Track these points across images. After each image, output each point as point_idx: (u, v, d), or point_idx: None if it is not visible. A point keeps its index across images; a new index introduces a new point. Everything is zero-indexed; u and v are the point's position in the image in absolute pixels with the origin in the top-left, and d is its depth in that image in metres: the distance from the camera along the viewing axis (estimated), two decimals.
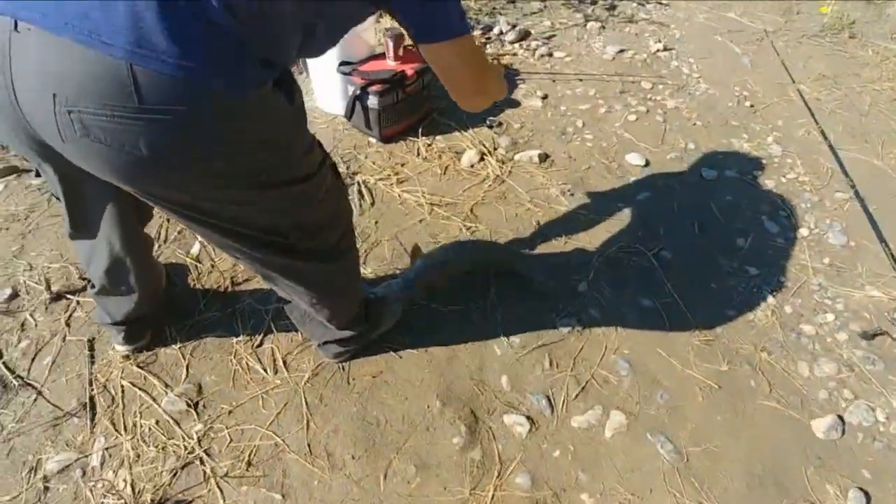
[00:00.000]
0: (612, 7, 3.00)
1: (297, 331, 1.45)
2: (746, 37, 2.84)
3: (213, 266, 1.62)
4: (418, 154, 2.05)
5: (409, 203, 1.85)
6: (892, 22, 2.94)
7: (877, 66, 2.64)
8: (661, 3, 3.07)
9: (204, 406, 1.31)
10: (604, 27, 2.85)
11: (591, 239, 1.77)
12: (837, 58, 2.70)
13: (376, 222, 1.79)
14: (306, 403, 1.33)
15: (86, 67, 0.63)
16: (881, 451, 1.31)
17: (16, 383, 1.33)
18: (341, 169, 1.94)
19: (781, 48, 2.73)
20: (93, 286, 1.25)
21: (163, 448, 1.23)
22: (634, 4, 3.07)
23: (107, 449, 1.22)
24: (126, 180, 0.76)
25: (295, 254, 1.01)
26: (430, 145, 2.09)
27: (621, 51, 2.67)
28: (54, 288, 1.51)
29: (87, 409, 1.28)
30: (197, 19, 0.65)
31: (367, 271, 1.63)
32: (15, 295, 1.52)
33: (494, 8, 2.89)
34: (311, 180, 0.93)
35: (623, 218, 1.85)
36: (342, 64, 2.03)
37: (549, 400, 1.37)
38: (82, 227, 1.10)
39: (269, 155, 0.82)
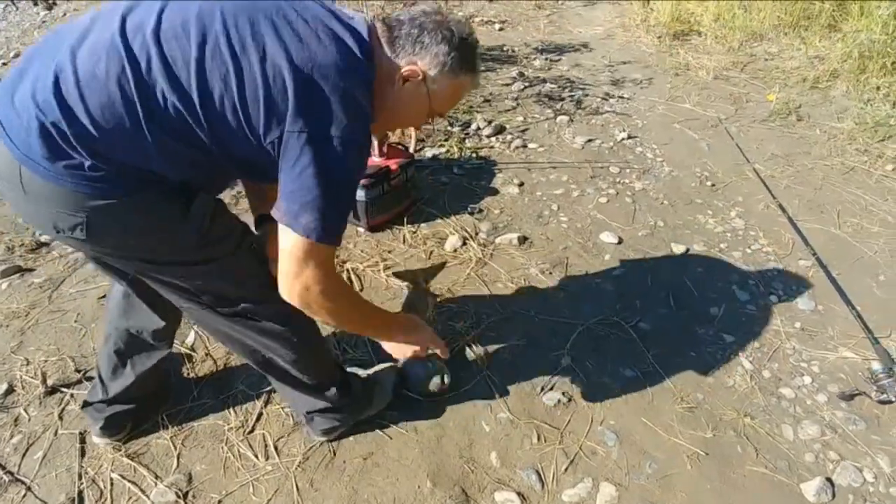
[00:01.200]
0: (579, 102, 3.29)
1: (287, 414, 1.47)
2: (702, 124, 3.10)
3: (207, 355, 1.66)
4: (404, 241, 2.17)
5: (394, 287, 1.94)
6: (838, 103, 3.23)
7: (825, 144, 2.87)
8: (622, 98, 3.37)
9: (194, 496, 1.31)
10: (572, 120, 3.11)
11: (571, 314, 1.84)
12: (787, 139, 2.94)
13: None
14: (297, 489, 1.33)
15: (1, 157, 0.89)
16: None
17: (6, 479, 1.32)
18: None
19: (735, 133, 2.98)
20: (123, 346, 1.29)
21: None
22: (599, 99, 3.36)
23: None
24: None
25: (236, 317, 1.13)
26: (415, 233, 2.21)
27: (589, 140, 2.90)
28: (50, 381, 1.54)
29: None
30: (67, 149, 0.86)
31: (356, 353, 1.68)
32: (11, 390, 1.54)
33: (472, 107, 3.16)
34: (218, 262, 1.06)
35: (600, 293, 1.94)
36: None
37: (539, 474, 1.38)
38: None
39: (155, 243, 1.00)
